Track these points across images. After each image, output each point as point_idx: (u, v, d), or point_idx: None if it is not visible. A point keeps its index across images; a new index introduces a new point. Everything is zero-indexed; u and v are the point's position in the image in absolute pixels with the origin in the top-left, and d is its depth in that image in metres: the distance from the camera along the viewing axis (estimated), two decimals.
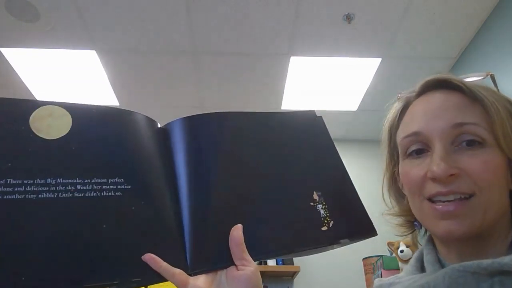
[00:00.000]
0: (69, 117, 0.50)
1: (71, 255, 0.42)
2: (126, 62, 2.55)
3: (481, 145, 0.47)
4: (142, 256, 0.44)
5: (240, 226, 0.49)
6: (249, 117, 0.61)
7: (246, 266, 0.47)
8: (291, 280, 2.89)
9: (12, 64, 2.53)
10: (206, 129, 0.57)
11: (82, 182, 0.46)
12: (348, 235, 0.55)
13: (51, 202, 0.43)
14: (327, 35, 2.34)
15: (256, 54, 2.50)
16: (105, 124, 0.52)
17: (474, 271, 0.43)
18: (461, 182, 0.47)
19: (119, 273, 0.43)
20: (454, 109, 0.50)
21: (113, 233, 0.45)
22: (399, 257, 2.11)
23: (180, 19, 2.22)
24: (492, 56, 2.18)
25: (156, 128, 0.56)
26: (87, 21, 2.22)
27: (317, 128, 0.66)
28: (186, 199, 0.51)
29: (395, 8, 2.16)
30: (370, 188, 3.45)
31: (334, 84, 2.76)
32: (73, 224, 0.44)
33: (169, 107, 2.99)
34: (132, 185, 0.48)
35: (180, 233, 0.49)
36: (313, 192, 0.57)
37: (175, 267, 0.45)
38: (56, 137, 0.48)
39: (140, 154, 0.51)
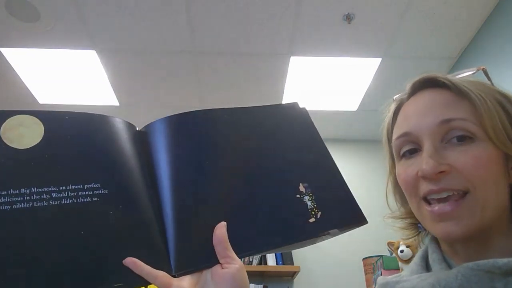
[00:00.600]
0: (41, 125, 0.49)
1: (49, 264, 0.42)
2: (126, 62, 2.55)
3: (472, 140, 0.47)
4: (123, 261, 0.44)
5: (224, 224, 0.49)
6: (230, 112, 0.61)
7: (231, 264, 0.46)
8: (291, 280, 2.89)
9: (12, 64, 2.53)
10: (185, 128, 0.56)
11: (57, 190, 0.45)
12: (337, 225, 0.54)
13: (27, 212, 0.43)
14: (327, 35, 2.34)
15: (256, 54, 2.50)
16: (78, 130, 0.51)
17: (488, 270, 0.43)
18: (452, 179, 0.46)
19: (101, 279, 0.43)
20: (441, 106, 0.50)
21: (92, 239, 0.44)
22: (399, 257, 2.11)
23: (180, 19, 2.22)
24: (492, 56, 2.18)
25: (134, 131, 0.56)
26: (87, 21, 2.22)
27: (301, 119, 0.65)
28: (168, 200, 0.51)
29: (395, 8, 2.16)
30: (370, 188, 3.44)
31: (334, 84, 2.76)
32: (50, 232, 0.43)
33: (169, 107, 2.99)
34: (108, 189, 0.48)
35: (162, 235, 0.48)
36: (299, 184, 0.56)
37: (158, 270, 0.45)
38: (28, 146, 0.47)
39: (116, 158, 0.51)
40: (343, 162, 3.44)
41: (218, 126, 0.58)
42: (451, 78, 0.51)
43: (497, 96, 0.50)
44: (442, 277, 0.46)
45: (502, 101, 0.49)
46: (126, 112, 3.05)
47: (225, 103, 2.93)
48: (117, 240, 0.46)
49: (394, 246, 2.17)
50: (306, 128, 0.64)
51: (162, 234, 0.48)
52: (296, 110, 0.67)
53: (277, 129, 0.62)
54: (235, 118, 0.60)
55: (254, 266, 2.74)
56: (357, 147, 3.40)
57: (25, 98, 2.85)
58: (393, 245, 2.17)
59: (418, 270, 0.53)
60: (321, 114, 3.09)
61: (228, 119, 0.60)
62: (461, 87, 0.49)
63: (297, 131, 0.63)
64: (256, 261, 2.76)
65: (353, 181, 3.30)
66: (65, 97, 2.88)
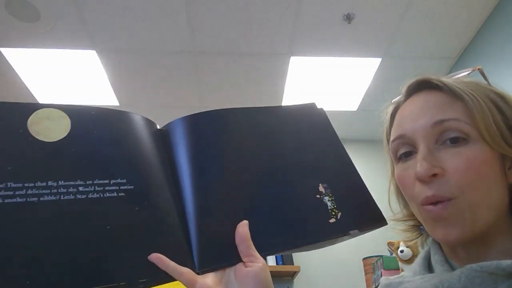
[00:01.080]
0: (68, 119, 0.49)
1: (75, 258, 0.41)
2: (126, 62, 2.55)
3: (465, 141, 0.47)
4: (149, 256, 0.44)
5: (246, 223, 0.49)
6: (250, 112, 0.61)
7: (254, 262, 0.46)
8: (291, 280, 2.89)
9: (12, 64, 2.53)
10: (206, 127, 0.57)
11: (84, 184, 0.45)
12: (357, 226, 0.54)
13: (53, 204, 0.43)
14: (327, 35, 2.34)
15: (256, 54, 2.50)
16: (104, 125, 0.51)
17: (492, 271, 0.43)
18: (443, 183, 0.46)
19: (126, 273, 0.42)
20: (434, 107, 0.50)
21: (118, 234, 0.44)
22: (399, 257, 2.11)
23: (180, 19, 2.22)
24: (492, 56, 2.18)
25: (155, 129, 0.56)
26: (87, 21, 2.22)
27: (319, 120, 0.66)
28: (190, 197, 0.51)
29: (395, 8, 2.16)
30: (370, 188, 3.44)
31: (334, 84, 2.76)
32: (76, 226, 0.43)
33: (169, 107, 2.99)
34: (134, 185, 0.48)
35: (185, 232, 0.48)
36: (318, 185, 0.56)
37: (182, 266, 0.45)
38: (55, 140, 0.47)
39: (141, 155, 0.51)
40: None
41: (237, 126, 0.59)
42: (444, 80, 0.51)
43: (491, 96, 0.49)
44: (445, 278, 0.46)
45: (497, 101, 0.49)
46: None
47: (225, 103, 2.94)
48: (142, 235, 0.45)
49: (394, 246, 2.17)
50: (324, 128, 0.65)
51: (185, 231, 0.48)
52: (314, 110, 0.67)
53: (298, 129, 0.62)
54: (254, 118, 0.60)
55: None
56: (357, 147, 3.40)
57: (25, 98, 2.85)
58: (393, 245, 2.17)
59: (420, 271, 0.53)
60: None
61: (247, 119, 0.60)
62: (454, 88, 0.49)
63: (315, 132, 0.63)
64: None
65: None
66: (65, 97, 2.88)
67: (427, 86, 0.53)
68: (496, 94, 0.50)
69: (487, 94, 0.49)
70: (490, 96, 0.49)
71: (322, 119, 0.66)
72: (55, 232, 0.42)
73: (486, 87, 0.51)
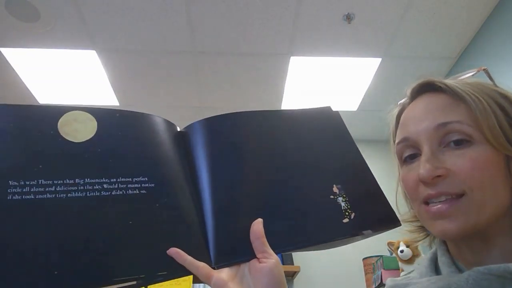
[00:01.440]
0: (94, 121, 0.53)
1: (100, 250, 0.44)
2: (126, 62, 2.55)
3: (469, 143, 0.47)
4: (168, 251, 0.46)
5: (260, 220, 0.51)
6: (265, 115, 0.63)
7: (268, 258, 0.48)
8: (291, 280, 2.89)
9: (12, 64, 2.53)
10: (224, 129, 0.60)
11: (108, 182, 0.49)
12: (370, 226, 0.55)
13: (81, 200, 0.47)
14: (327, 35, 2.34)
15: (256, 54, 2.50)
16: (127, 127, 0.55)
17: (500, 274, 0.43)
18: (449, 183, 0.47)
19: (146, 267, 0.45)
20: (437, 110, 0.50)
21: (139, 228, 0.47)
22: (399, 257, 2.11)
23: (180, 19, 2.22)
24: (492, 56, 2.18)
25: (175, 131, 0.59)
26: (87, 21, 2.22)
27: (334, 122, 0.68)
28: (208, 196, 0.53)
29: (395, 8, 2.16)
30: None
31: (334, 84, 2.76)
32: (100, 220, 0.46)
33: (169, 107, 2.99)
34: (155, 183, 0.51)
35: (202, 229, 0.51)
36: (333, 186, 0.58)
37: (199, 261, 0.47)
38: (82, 140, 0.51)
39: (161, 155, 0.54)
40: None
41: (254, 129, 0.61)
42: (447, 82, 0.51)
43: (496, 97, 0.49)
44: (453, 281, 0.46)
45: (501, 101, 0.49)
46: None
47: (225, 103, 2.94)
48: (161, 230, 0.48)
49: (394, 246, 2.17)
50: (339, 131, 0.67)
51: (202, 228, 0.51)
52: (329, 113, 0.69)
53: (311, 132, 0.64)
54: (270, 121, 0.63)
55: None
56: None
57: (25, 98, 2.85)
58: (393, 245, 2.17)
59: (427, 272, 0.53)
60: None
61: (263, 121, 0.62)
62: (457, 90, 0.49)
63: (330, 134, 0.66)
64: None
65: None
66: (65, 97, 2.88)
67: (430, 88, 0.54)
68: (500, 95, 0.50)
69: (491, 95, 0.49)
70: (494, 97, 0.49)
71: (337, 122, 0.68)
72: (81, 225, 0.45)
73: (491, 87, 0.51)
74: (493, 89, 0.51)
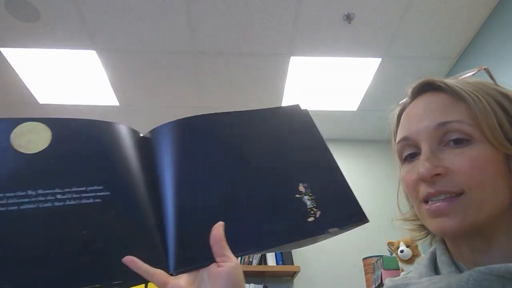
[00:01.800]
0: (49, 131, 0.53)
1: (52, 261, 0.44)
2: (126, 62, 2.55)
3: (469, 142, 0.47)
4: (123, 259, 0.46)
5: (221, 224, 0.50)
6: (230, 116, 0.63)
7: (226, 262, 0.47)
8: (291, 280, 2.89)
9: (12, 64, 2.54)
10: (186, 133, 0.59)
11: (61, 192, 0.48)
12: (337, 224, 0.55)
13: (33, 212, 0.46)
14: (327, 35, 2.34)
15: (256, 54, 2.50)
16: (84, 136, 0.54)
17: (501, 274, 0.43)
18: (448, 182, 0.47)
19: (100, 276, 0.45)
20: (437, 109, 0.51)
21: (93, 238, 0.46)
22: (399, 257, 2.11)
23: (180, 19, 2.22)
24: (492, 56, 2.18)
25: (138, 137, 0.58)
26: (87, 21, 2.22)
27: (302, 120, 0.67)
28: (170, 202, 0.53)
29: (395, 8, 2.16)
30: (370, 188, 3.43)
31: (334, 84, 2.77)
32: (54, 231, 0.46)
33: (169, 107, 2.99)
34: (111, 191, 0.50)
35: (161, 235, 0.50)
36: (299, 185, 0.57)
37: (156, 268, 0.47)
38: (35, 151, 0.51)
39: (119, 163, 0.53)
40: (343, 162, 3.42)
41: (218, 130, 0.61)
42: (447, 81, 0.52)
43: (496, 96, 0.49)
44: (453, 281, 0.46)
45: (502, 100, 0.49)
46: (126, 112, 3.05)
47: (225, 103, 2.94)
48: (117, 239, 0.48)
49: (394, 246, 2.17)
50: (308, 129, 0.66)
51: (162, 234, 0.50)
52: (297, 112, 0.68)
53: (277, 131, 0.64)
54: (235, 122, 0.62)
55: (254, 266, 2.74)
56: (357, 147, 3.40)
57: (25, 98, 2.86)
58: (393, 245, 2.17)
59: (427, 272, 0.53)
60: (321, 114, 3.09)
61: (228, 122, 0.62)
62: (457, 89, 0.50)
63: (297, 133, 0.65)
64: (256, 261, 2.76)
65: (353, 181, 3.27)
66: (65, 97, 2.88)
67: (431, 88, 0.54)
68: (501, 94, 0.50)
69: (491, 94, 0.49)
70: (495, 96, 0.49)
71: (305, 120, 0.67)
72: (32, 237, 0.45)
73: (491, 86, 0.51)
74: (493, 88, 0.51)
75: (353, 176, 3.38)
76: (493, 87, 0.51)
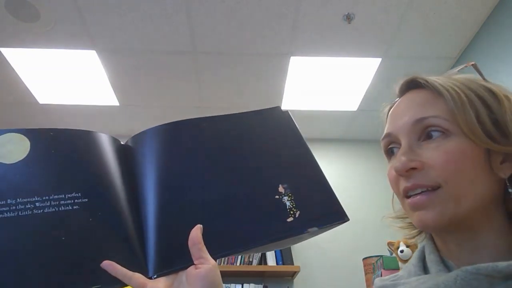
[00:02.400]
0: (27, 141, 0.54)
1: (33, 267, 0.45)
2: (126, 62, 2.55)
3: (445, 135, 0.48)
4: (101, 264, 0.47)
5: (199, 227, 0.51)
6: (209, 120, 0.64)
7: (204, 264, 0.48)
8: (291, 280, 2.89)
9: (12, 64, 2.54)
10: (166, 138, 0.60)
11: (40, 200, 0.50)
12: (316, 223, 0.56)
13: (12, 220, 0.47)
14: (327, 35, 2.34)
15: (256, 54, 2.50)
16: (62, 145, 0.56)
17: (488, 274, 0.43)
18: (424, 175, 0.48)
19: (79, 281, 0.46)
20: (417, 106, 0.52)
21: (72, 244, 0.48)
22: (399, 257, 2.11)
23: (180, 19, 2.22)
24: (492, 56, 2.18)
25: (118, 145, 0.60)
26: (87, 21, 2.22)
27: (282, 122, 0.68)
28: (150, 207, 0.54)
29: (395, 8, 2.16)
30: (370, 188, 3.42)
31: (334, 84, 2.76)
32: (34, 238, 0.47)
33: (169, 107, 2.99)
34: (89, 198, 0.52)
35: (140, 240, 0.51)
36: (278, 185, 0.58)
37: (135, 272, 0.48)
38: (14, 161, 0.52)
39: (98, 170, 0.55)
40: (343, 162, 3.44)
41: (198, 134, 0.62)
42: (428, 78, 0.53)
43: (479, 91, 0.50)
44: (441, 281, 0.46)
45: (485, 95, 0.49)
46: (126, 112, 3.05)
47: (225, 103, 2.94)
48: (95, 244, 0.49)
49: (394, 246, 2.17)
50: (288, 131, 0.67)
51: (141, 239, 0.52)
52: (277, 113, 0.69)
53: (257, 133, 0.65)
54: (214, 126, 0.64)
55: (254, 266, 2.74)
56: (357, 147, 3.40)
57: (25, 98, 2.86)
58: (393, 245, 2.17)
59: (416, 271, 0.53)
60: (321, 114, 3.09)
61: (208, 126, 0.63)
62: (436, 85, 0.51)
63: (277, 134, 0.66)
64: (256, 261, 2.76)
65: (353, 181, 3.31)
66: (65, 97, 2.88)
67: (415, 86, 0.55)
68: (485, 89, 0.50)
69: (474, 89, 0.50)
70: (477, 91, 0.50)
71: (285, 122, 0.68)
72: (13, 244, 0.46)
73: (476, 82, 0.52)
74: (479, 83, 0.51)
75: (353, 176, 3.39)
76: (479, 82, 0.52)
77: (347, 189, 3.04)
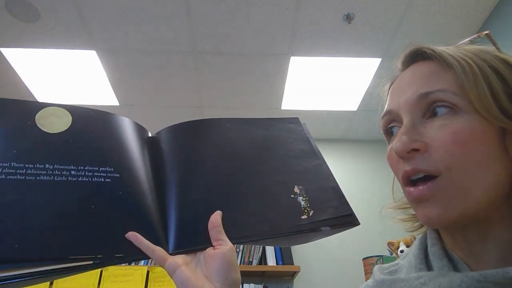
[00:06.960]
0: (70, 116, 0.59)
1: (61, 228, 0.47)
2: (126, 62, 2.55)
3: (453, 111, 0.42)
4: (126, 234, 0.49)
5: (219, 212, 0.53)
6: (234, 121, 0.70)
7: (222, 245, 0.50)
8: (291, 280, 2.89)
9: (12, 64, 2.54)
10: (191, 132, 0.66)
11: (76, 169, 0.53)
12: (328, 223, 0.59)
13: (48, 183, 0.50)
14: (327, 35, 2.34)
15: (256, 54, 2.50)
16: (100, 124, 0.60)
17: (497, 281, 0.37)
18: (426, 159, 0.42)
19: (104, 248, 0.48)
20: (422, 79, 0.46)
21: (101, 213, 0.50)
22: (399, 257, 2.11)
23: (180, 19, 2.22)
24: None
25: (146, 134, 0.65)
26: (87, 21, 2.22)
27: (300, 132, 0.74)
28: (173, 191, 0.58)
29: (395, 8, 2.16)
30: (370, 188, 3.43)
31: (334, 84, 2.76)
32: (65, 202, 0.50)
33: (169, 107, 2.99)
34: (120, 174, 0.55)
35: (162, 220, 0.54)
36: (294, 186, 0.62)
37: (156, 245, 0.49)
38: (56, 132, 0.56)
39: (130, 151, 0.59)
40: (343, 162, 3.44)
41: (223, 133, 0.67)
42: (436, 48, 0.47)
43: (493, 62, 0.43)
44: (444, 284, 0.41)
45: (500, 67, 0.43)
46: (126, 112, 3.05)
47: (225, 103, 2.94)
48: (122, 216, 0.52)
49: (394, 246, 2.17)
50: (305, 140, 0.73)
51: (163, 219, 0.55)
52: (296, 123, 0.76)
53: (278, 139, 0.70)
54: (239, 127, 0.69)
55: (254, 266, 2.74)
56: (357, 147, 3.40)
57: (25, 98, 2.85)
58: (393, 245, 2.17)
59: (416, 264, 0.49)
60: (321, 114, 3.09)
61: (232, 127, 0.68)
62: (445, 55, 0.45)
63: (296, 142, 0.72)
64: (256, 261, 2.76)
65: (353, 181, 3.31)
66: (65, 97, 2.88)
67: (420, 57, 0.49)
68: (501, 60, 0.44)
69: (488, 60, 0.43)
70: (492, 62, 0.43)
71: (304, 133, 0.75)
72: (46, 205, 0.48)
73: (490, 52, 0.45)
74: (494, 54, 0.45)
75: (353, 176, 3.39)
76: (493, 53, 0.45)
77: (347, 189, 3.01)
